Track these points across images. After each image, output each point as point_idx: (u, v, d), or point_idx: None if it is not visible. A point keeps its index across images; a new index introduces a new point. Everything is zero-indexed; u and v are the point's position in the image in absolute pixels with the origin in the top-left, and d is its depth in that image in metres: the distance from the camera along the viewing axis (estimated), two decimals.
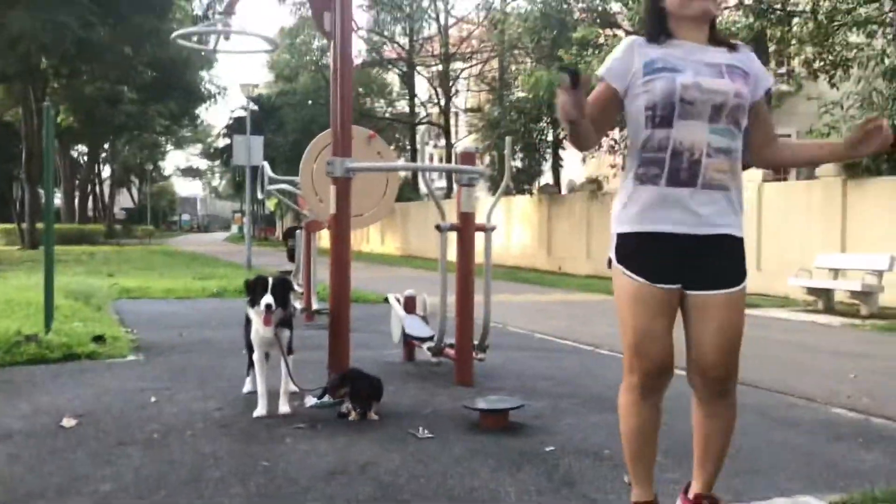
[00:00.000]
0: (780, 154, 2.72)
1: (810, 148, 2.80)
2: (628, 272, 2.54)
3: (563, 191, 24.25)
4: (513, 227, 23.95)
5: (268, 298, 4.21)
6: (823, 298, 12.11)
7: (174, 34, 5.77)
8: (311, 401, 4.69)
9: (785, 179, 19.52)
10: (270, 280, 4.32)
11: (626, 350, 2.58)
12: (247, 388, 4.92)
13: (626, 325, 2.56)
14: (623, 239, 2.57)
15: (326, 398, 4.70)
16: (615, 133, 20.28)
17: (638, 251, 2.53)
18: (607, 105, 2.61)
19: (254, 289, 4.32)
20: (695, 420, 2.68)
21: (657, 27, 2.60)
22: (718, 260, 2.53)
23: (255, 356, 4.44)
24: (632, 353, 2.56)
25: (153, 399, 4.77)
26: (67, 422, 4.12)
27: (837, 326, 10.25)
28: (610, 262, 2.62)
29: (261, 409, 4.28)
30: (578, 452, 3.86)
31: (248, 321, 4.56)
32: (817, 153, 2.75)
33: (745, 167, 2.62)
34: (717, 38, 2.62)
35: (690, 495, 2.72)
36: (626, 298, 2.55)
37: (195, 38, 8.36)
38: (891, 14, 14.40)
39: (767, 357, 7.47)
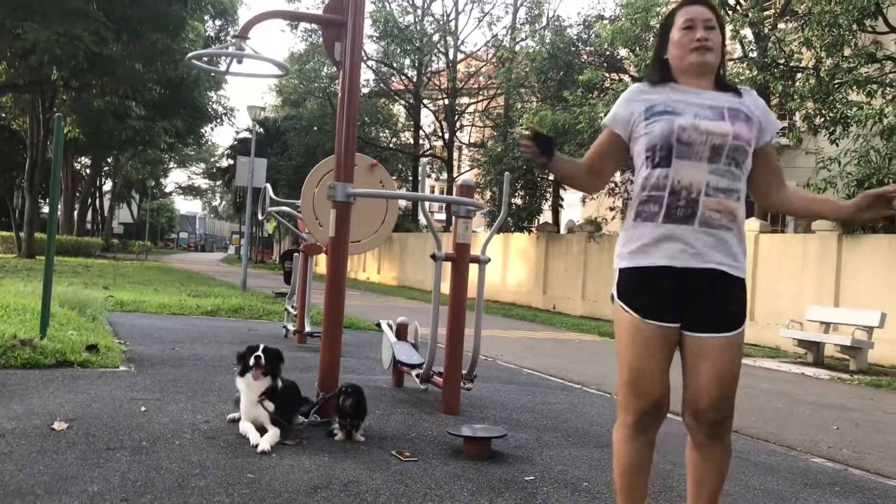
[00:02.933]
0: (787, 201, 2.73)
1: (816, 202, 2.77)
2: (628, 308, 2.59)
3: (562, 230, 24.40)
4: (510, 263, 24.07)
5: (258, 352, 4.22)
6: (813, 351, 12.19)
7: (189, 55, 5.90)
8: (298, 419, 4.75)
9: (782, 232, 19.70)
10: (261, 346, 4.31)
11: (621, 387, 2.62)
12: (231, 415, 4.85)
13: (623, 362, 2.60)
14: (623, 274, 2.63)
15: (314, 416, 4.78)
16: (616, 177, 20.51)
17: (637, 287, 2.58)
18: (610, 150, 2.73)
19: (244, 357, 4.29)
20: (688, 462, 2.70)
21: (660, 76, 2.71)
22: (718, 300, 2.56)
23: (246, 425, 4.29)
24: (627, 391, 2.59)
25: (143, 408, 4.83)
26: (58, 425, 4.19)
27: (825, 379, 10.32)
28: (613, 298, 2.68)
29: (255, 441, 4.18)
30: (557, 483, 3.93)
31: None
32: (822, 208, 2.73)
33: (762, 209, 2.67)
34: (724, 84, 2.69)
35: None
36: (624, 334, 2.60)
37: (206, 59, 8.52)
38: (891, 75, 14.67)
39: (753, 405, 7.55)
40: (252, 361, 4.23)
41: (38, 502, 3.04)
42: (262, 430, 4.24)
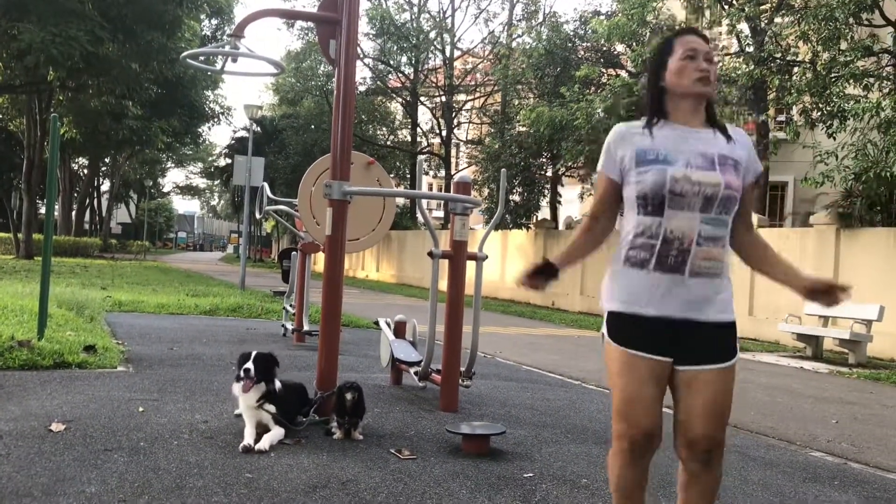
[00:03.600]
0: (750, 248, 2.74)
1: (777, 264, 2.75)
2: (620, 345, 2.58)
3: (560, 227, 24.38)
4: (508, 260, 24.06)
5: (247, 364, 4.20)
6: (812, 345, 12.18)
7: (184, 54, 5.88)
8: (299, 418, 4.75)
9: (781, 226, 19.70)
10: (254, 353, 4.29)
11: (614, 417, 2.61)
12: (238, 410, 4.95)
13: (616, 393, 2.59)
14: (613, 317, 2.62)
15: (313, 415, 4.78)
16: None
17: (628, 329, 2.58)
18: (612, 197, 2.70)
19: (239, 364, 4.28)
20: (679, 484, 2.71)
21: (655, 106, 2.68)
22: (708, 342, 2.56)
23: (247, 429, 4.25)
24: (620, 420, 2.58)
25: (141, 409, 4.83)
26: (56, 426, 4.18)
27: (824, 373, 10.32)
28: (603, 336, 2.67)
29: (248, 440, 4.17)
30: (556, 480, 3.93)
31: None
32: (777, 273, 2.72)
33: None
34: (713, 120, 2.68)
35: None
36: (616, 366, 2.59)
37: (202, 58, 8.50)
38: (888, 68, 14.67)
39: (752, 400, 7.54)
40: (241, 374, 4.20)
41: None
42: (266, 431, 4.23)
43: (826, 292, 2.57)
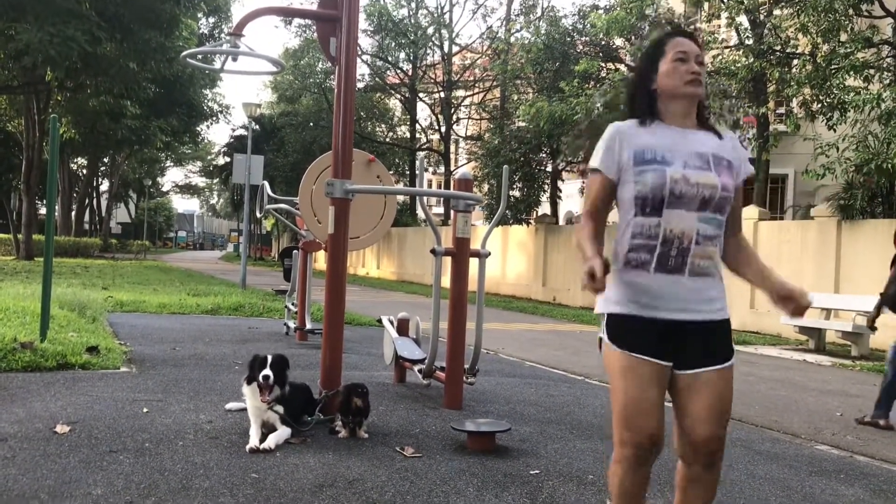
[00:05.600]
0: (733, 249, 2.74)
1: (752, 267, 2.75)
2: (621, 349, 2.57)
3: (561, 222, 24.37)
4: (509, 256, 24.05)
5: (266, 371, 4.20)
6: (815, 338, 12.18)
7: (184, 53, 5.87)
8: (302, 418, 4.74)
9: (781, 218, 19.67)
10: (269, 357, 4.29)
11: (616, 423, 2.59)
12: (230, 405, 5.03)
13: (618, 399, 2.57)
14: (613, 319, 2.61)
15: (318, 415, 4.77)
16: None
17: (629, 331, 2.57)
18: (607, 196, 2.71)
19: (252, 366, 4.29)
20: (678, 482, 2.70)
21: (646, 109, 2.68)
22: (708, 341, 2.57)
23: (252, 428, 4.25)
24: (623, 427, 2.56)
25: (145, 410, 4.82)
26: (61, 428, 4.18)
27: (827, 366, 10.31)
28: (601, 341, 2.66)
29: (254, 441, 4.16)
30: (562, 476, 3.92)
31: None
32: (752, 275, 2.74)
33: None
34: (704, 121, 2.70)
35: None
36: (617, 371, 2.57)
37: (201, 57, 8.47)
38: (888, 59, 14.64)
39: (755, 393, 7.54)
40: (261, 381, 4.19)
41: None
42: (271, 431, 4.23)
43: (790, 299, 2.57)
